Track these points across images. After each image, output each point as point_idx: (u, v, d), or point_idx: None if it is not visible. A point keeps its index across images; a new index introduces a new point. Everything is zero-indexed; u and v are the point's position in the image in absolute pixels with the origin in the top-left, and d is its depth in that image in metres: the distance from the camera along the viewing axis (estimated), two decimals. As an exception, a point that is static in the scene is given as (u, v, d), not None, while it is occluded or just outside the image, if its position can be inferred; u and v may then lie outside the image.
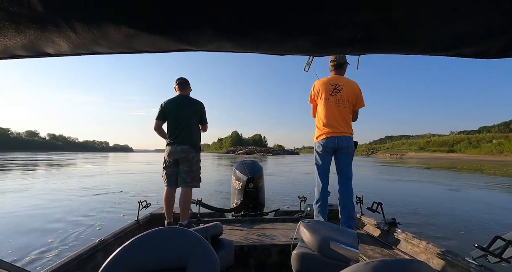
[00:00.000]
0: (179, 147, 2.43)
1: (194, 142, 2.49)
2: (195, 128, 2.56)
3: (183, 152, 2.42)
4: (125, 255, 0.79)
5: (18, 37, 0.52)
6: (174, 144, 2.45)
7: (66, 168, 16.43)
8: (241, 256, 1.82)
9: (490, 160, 36.09)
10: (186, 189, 2.41)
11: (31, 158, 34.38)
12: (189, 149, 2.44)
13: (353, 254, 1.11)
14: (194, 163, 2.47)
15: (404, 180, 11.11)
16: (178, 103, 2.53)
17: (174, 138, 2.46)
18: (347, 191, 2.23)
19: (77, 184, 8.44)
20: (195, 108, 2.56)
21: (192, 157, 2.46)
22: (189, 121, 2.50)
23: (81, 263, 1.43)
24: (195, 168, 2.48)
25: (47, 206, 5.27)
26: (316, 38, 0.59)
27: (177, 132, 2.46)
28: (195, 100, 2.61)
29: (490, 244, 1.21)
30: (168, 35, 0.57)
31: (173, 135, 2.47)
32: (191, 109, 2.54)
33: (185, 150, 2.43)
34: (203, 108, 2.63)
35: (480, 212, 5.07)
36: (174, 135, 2.47)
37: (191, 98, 2.62)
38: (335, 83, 2.32)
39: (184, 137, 2.45)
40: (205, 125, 2.68)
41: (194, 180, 2.46)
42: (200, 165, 2.55)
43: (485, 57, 0.63)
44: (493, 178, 12.29)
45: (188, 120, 2.50)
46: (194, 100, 2.60)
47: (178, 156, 2.42)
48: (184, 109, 2.50)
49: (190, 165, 2.44)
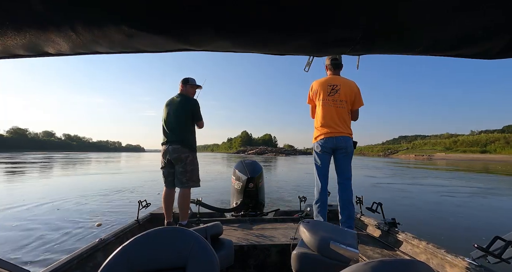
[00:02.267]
0: (171, 147, 2.40)
1: (185, 141, 2.44)
2: (187, 127, 2.50)
3: (175, 152, 2.38)
4: (125, 255, 0.79)
5: (18, 37, 0.52)
6: (167, 144, 2.43)
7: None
8: (241, 256, 1.82)
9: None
10: (183, 190, 2.38)
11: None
12: (181, 149, 2.39)
13: (352, 254, 1.11)
14: (188, 163, 2.41)
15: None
16: (171, 102, 2.52)
17: (166, 138, 2.45)
18: (346, 191, 2.23)
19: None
20: (186, 107, 2.50)
21: (186, 157, 2.40)
22: (180, 120, 2.46)
23: (81, 262, 1.43)
24: (190, 168, 2.41)
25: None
26: (316, 38, 0.59)
27: (168, 132, 2.45)
28: (187, 98, 2.55)
29: (490, 244, 1.21)
30: (168, 35, 0.57)
31: (165, 135, 2.46)
32: (182, 107, 2.48)
33: (177, 149, 2.38)
34: (195, 105, 2.56)
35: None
36: (166, 134, 2.46)
37: (185, 96, 2.57)
38: (333, 84, 2.32)
39: (175, 136, 2.42)
40: (199, 122, 2.61)
41: (190, 180, 2.41)
42: (196, 165, 2.49)
43: (486, 57, 0.63)
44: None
45: (179, 119, 2.46)
46: (186, 98, 2.54)
47: (171, 156, 2.39)
48: (175, 108, 2.48)
49: (184, 165, 2.39)
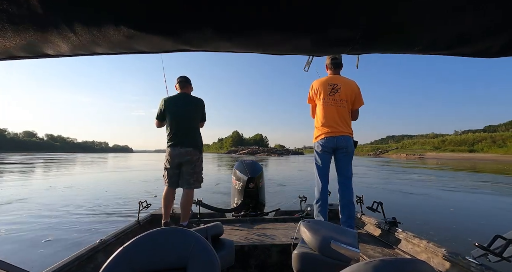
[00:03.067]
0: (183, 149, 2.35)
1: (198, 144, 2.44)
2: (198, 129, 2.51)
3: (187, 155, 2.36)
4: (126, 255, 0.79)
5: (17, 38, 0.52)
6: (177, 146, 2.36)
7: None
8: (241, 256, 1.82)
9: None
10: (188, 190, 2.37)
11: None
12: (193, 152, 2.39)
13: (353, 253, 1.11)
14: (197, 165, 2.43)
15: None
16: (179, 102, 2.45)
17: (177, 139, 2.37)
18: (347, 191, 2.23)
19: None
20: (197, 108, 2.49)
21: (197, 159, 2.42)
22: (192, 122, 2.45)
23: (81, 263, 1.43)
24: (198, 169, 2.44)
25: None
26: (316, 37, 0.59)
27: (180, 134, 2.38)
28: (196, 98, 2.53)
29: (490, 243, 1.21)
30: (167, 36, 0.56)
31: (176, 136, 2.38)
32: (193, 108, 2.46)
33: (190, 152, 2.37)
34: (204, 105, 2.56)
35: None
36: (176, 136, 2.38)
37: (193, 96, 2.54)
38: (333, 83, 2.31)
39: (188, 139, 2.39)
40: (203, 122, 2.63)
41: (197, 181, 2.42)
42: (202, 166, 2.51)
43: (486, 56, 0.63)
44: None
45: (191, 121, 2.44)
46: (196, 98, 2.52)
47: (182, 159, 2.36)
48: (186, 109, 2.43)
49: (194, 167, 2.39)
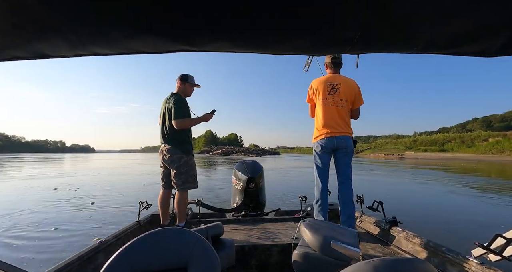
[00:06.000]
0: (164, 147, 2.38)
1: (177, 142, 2.37)
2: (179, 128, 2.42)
3: (167, 153, 2.35)
4: (126, 256, 0.79)
5: (17, 39, 0.52)
6: (162, 144, 2.42)
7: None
8: (242, 256, 1.82)
9: (502, 160, 29.30)
10: (179, 192, 2.34)
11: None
12: (173, 150, 2.34)
13: (354, 253, 1.11)
14: (181, 165, 2.33)
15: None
16: (167, 101, 2.46)
17: (161, 138, 2.43)
18: (347, 191, 2.23)
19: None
20: (173, 106, 2.35)
21: (178, 158, 2.34)
22: (169, 119, 2.39)
23: (82, 264, 1.43)
24: (183, 170, 2.34)
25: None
26: (316, 37, 0.59)
27: (163, 132, 2.41)
28: (174, 95, 2.43)
29: (490, 242, 1.21)
30: (167, 36, 0.57)
31: (161, 135, 2.43)
32: (171, 107, 2.36)
33: (169, 150, 2.34)
34: (176, 102, 2.35)
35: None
36: (161, 135, 2.43)
37: (174, 94, 2.46)
38: (333, 83, 2.30)
39: (167, 136, 2.38)
40: (174, 121, 2.30)
41: (186, 182, 2.34)
42: (190, 166, 2.39)
43: (485, 55, 0.63)
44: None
45: (168, 118, 2.39)
46: (173, 96, 2.42)
47: (164, 157, 2.37)
48: (167, 108, 2.40)
49: (177, 167, 2.33)
